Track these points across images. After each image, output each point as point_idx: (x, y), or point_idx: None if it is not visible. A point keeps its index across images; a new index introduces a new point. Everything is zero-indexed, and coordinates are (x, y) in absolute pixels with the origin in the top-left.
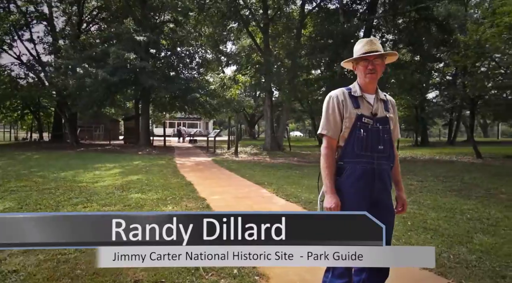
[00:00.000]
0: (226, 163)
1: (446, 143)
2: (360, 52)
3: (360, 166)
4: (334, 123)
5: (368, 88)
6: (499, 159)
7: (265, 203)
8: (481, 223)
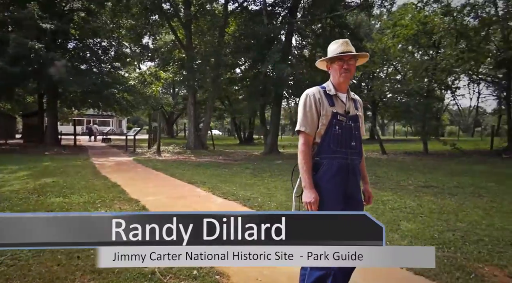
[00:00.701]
0: (150, 162)
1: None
2: (336, 52)
3: (336, 162)
4: (312, 120)
5: (341, 87)
6: (400, 155)
7: (203, 202)
8: (401, 211)
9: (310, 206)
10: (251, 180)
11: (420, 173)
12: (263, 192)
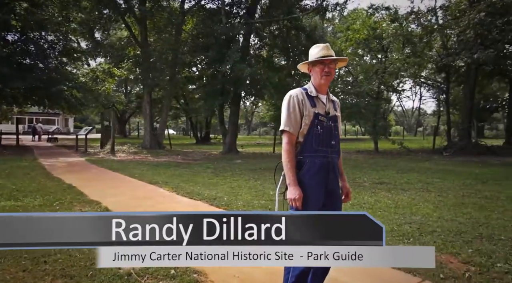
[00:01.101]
0: (105, 162)
1: None
2: (318, 55)
3: (317, 160)
4: (295, 120)
5: (322, 89)
6: (353, 153)
7: (168, 202)
8: (361, 207)
9: (294, 202)
10: (213, 179)
11: (373, 171)
12: (227, 191)
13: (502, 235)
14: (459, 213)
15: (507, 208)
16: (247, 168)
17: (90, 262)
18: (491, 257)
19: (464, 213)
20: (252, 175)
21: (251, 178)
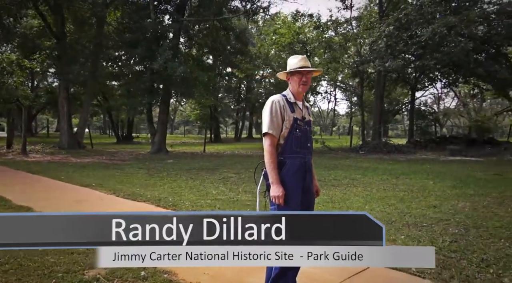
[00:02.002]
0: (19, 164)
1: (234, 139)
2: (297, 66)
3: (296, 161)
4: (277, 124)
5: (299, 96)
6: None
7: (109, 204)
8: None
9: (277, 199)
10: (150, 180)
11: None
12: (169, 191)
13: (424, 222)
14: (385, 205)
15: (421, 199)
16: (182, 168)
17: (48, 270)
18: (420, 241)
19: (390, 204)
20: (189, 175)
21: (188, 178)
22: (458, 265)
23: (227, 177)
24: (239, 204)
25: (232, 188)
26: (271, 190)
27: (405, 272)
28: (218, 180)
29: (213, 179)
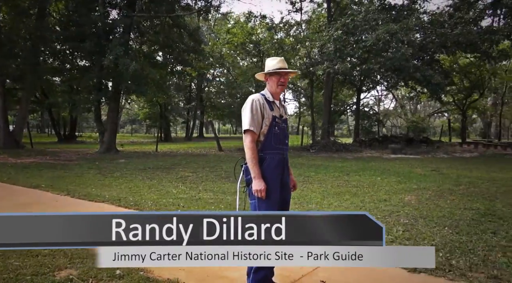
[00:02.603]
0: None
1: (185, 138)
2: (275, 67)
3: (276, 156)
4: (257, 122)
5: (276, 96)
6: (235, 151)
7: (66, 206)
8: None
9: (259, 193)
10: (104, 181)
11: None
12: (128, 191)
13: (378, 214)
14: (342, 200)
15: (372, 193)
16: (136, 168)
17: (13, 273)
18: None
19: (345, 200)
20: (144, 174)
21: (145, 177)
22: None
23: (185, 176)
24: (202, 202)
25: (192, 186)
26: (253, 184)
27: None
28: (175, 179)
29: (171, 178)
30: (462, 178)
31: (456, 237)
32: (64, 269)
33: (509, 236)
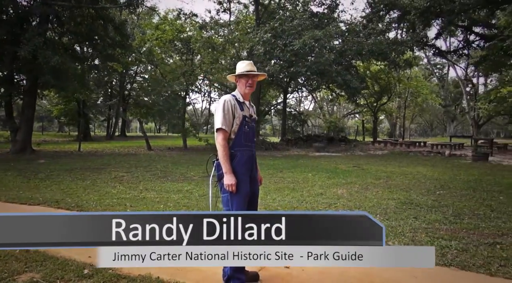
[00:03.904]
0: None
1: (106, 137)
2: (244, 70)
3: (246, 153)
4: (229, 121)
5: (246, 97)
6: (165, 150)
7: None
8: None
9: (230, 187)
10: (29, 183)
11: (195, 166)
12: (61, 192)
13: (319, 207)
14: (283, 195)
15: (309, 188)
16: (61, 168)
17: None
18: None
19: (286, 194)
20: (74, 175)
21: (75, 178)
22: None
23: (119, 176)
24: (148, 201)
25: (131, 186)
26: (225, 179)
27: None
28: (110, 179)
29: (105, 178)
30: (380, 172)
31: (387, 222)
32: (23, 273)
33: (427, 220)
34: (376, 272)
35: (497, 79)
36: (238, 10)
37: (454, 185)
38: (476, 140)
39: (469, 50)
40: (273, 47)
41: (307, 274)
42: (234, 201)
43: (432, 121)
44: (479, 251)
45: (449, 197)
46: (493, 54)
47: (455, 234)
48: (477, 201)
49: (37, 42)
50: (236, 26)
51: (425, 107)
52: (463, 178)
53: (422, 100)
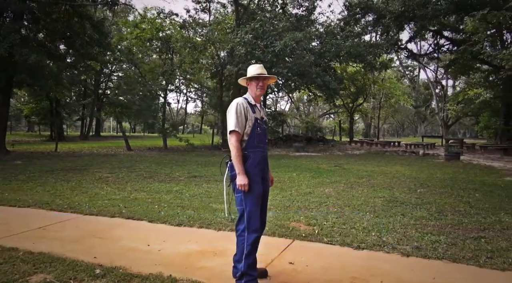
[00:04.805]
0: None
1: (80, 137)
2: (254, 73)
3: (258, 154)
4: (241, 123)
5: (257, 99)
6: (145, 151)
7: None
8: (202, 197)
9: (243, 187)
10: (11, 184)
11: (178, 166)
12: (49, 194)
13: (310, 205)
14: (274, 194)
15: (296, 188)
16: (41, 170)
17: None
18: (317, 220)
19: (276, 194)
20: (56, 176)
21: (58, 179)
22: (350, 233)
23: (104, 177)
24: (141, 202)
25: (119, 187)
26: (237, 179)
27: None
28: (95, 180)
29: (89, 179)
30: (361, 172)
31: (378, 220)
32: (33, 274)
33: (414, 216)
34: (377, 265)
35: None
36: (216, 9)
37: (433, 183)
38: (448, 140)
39: (439, 53)
40: (254, 48)
41: (311, 269)
42: (248, 201)
43: (403, 122)
44: (466, 244)
45: (430, 195)
46: (462, 58)
47: (442, 229)
48: (456, 198)
49: (13, 39)
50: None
51: (397, 108)
52: (440, 176)
53: (395, 102)
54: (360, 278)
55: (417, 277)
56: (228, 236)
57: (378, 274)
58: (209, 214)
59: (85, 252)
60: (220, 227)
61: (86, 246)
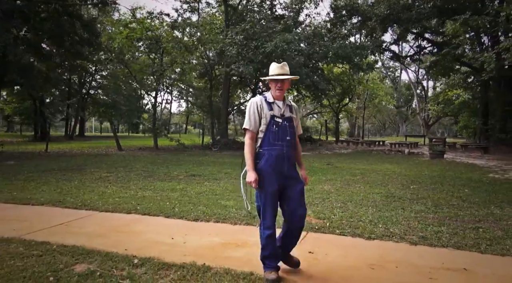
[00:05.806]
0: None
1: (65, 137)
2: (273, 73)
3: (274, 152)
4: (254, 121)
5: (278, 97)
6: (136, 150)
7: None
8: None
9: (252, 184)
10: (16, 184)
11: (173, 165)
12: (57, 193)
13: (315, 201)
14: None
15: None
16: (37, 170)
17: (27, 272)
18: (325, 214)
19: None
20: (55, 176)
21: (59, 179)
22: (358, 225)
23: (104, 176)
24: (150, 199)
25: (123, 186)
26: (247, 176)
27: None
28: (96, 179)
29: (90, 179)
30: (353, 170)
31: (381, 213)
32: (75, 264)
33: (414, 210)
34: (389, 253)
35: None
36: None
37: (423, 180)
38: (431, 139)
39: (420, 55)
40: (246, 48)
41: (331, 258)
42: (261, 198)
43: (384, 122)
44: (467, 234)
45: (423, 191)
46: (444, 60)
47: (442, 221)
48: (448, 193)
49: (7, 39)
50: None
51: (380, 108)
52: (428, 173)
53: (378, 102)
54: (376, 264)
55: (428, 262)
56: (245, 230)
57: (392, 261)
58: (221, 210)
59: (114, 245)
60: (236, 221)
61: (113, 240)
